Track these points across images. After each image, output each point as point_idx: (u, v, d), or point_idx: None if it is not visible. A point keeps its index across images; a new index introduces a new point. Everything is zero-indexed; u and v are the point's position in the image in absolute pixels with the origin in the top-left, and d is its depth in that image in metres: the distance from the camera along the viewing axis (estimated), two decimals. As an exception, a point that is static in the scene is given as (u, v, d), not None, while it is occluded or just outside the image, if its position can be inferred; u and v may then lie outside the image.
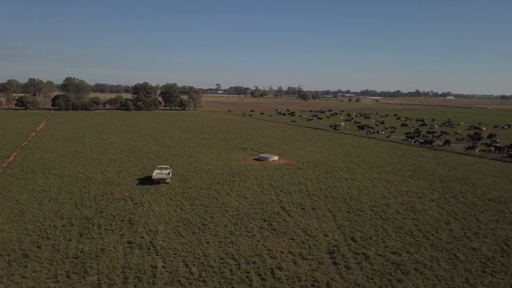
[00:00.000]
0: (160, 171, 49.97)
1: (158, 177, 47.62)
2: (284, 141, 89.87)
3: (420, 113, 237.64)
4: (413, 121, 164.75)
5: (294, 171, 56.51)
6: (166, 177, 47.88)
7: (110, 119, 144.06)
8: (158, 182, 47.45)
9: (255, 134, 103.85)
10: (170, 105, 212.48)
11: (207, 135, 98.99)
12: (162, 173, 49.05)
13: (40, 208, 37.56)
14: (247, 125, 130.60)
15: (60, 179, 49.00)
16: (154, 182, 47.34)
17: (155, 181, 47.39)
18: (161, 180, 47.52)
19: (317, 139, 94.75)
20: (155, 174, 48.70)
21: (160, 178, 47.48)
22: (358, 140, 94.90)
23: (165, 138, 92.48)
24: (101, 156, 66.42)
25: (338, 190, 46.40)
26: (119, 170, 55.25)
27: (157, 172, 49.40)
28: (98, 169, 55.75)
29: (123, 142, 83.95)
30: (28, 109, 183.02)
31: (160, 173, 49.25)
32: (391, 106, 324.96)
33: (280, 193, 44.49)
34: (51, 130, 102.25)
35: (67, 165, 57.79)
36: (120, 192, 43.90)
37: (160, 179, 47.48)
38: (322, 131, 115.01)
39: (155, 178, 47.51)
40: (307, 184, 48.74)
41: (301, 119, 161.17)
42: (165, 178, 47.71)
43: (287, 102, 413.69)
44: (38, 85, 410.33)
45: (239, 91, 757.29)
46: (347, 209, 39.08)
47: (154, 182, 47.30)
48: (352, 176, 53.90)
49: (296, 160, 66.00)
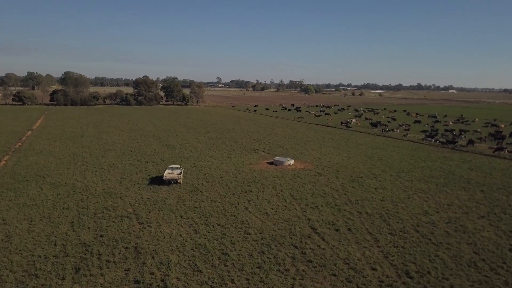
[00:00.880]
0: (171, 171, 48.46)
1: (170, 178, 46.30)
2: (296, 141, 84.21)
3: (428, 108, 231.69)
4: (424, 117, 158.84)
5: (315, 178, 50.92)
6: (177, 177, 46.55)
7: (110, 115, 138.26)
8: (170, 182, 46.25)
9: (263, 132, 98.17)
10: (172, 100, 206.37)
11: (213, 134, 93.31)
12: (173, 173, 47.62)
13: (30, 229, 32.02)
14: (254, 122, 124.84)
15: (55, 190, 43.41)
16: (165, 182, 46.18)
17: (166, 181, 46.17)
18: (173, 181, 46.30)
19: (331, 138, 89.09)
20: (167, 174, 47.16)
21: (172, 179, 46.23)
22: (373, 139, 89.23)
23: (169, 137, 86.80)
24: (101, 159, 60.82)
25: (371, 203, 40.85)
26: (121, 178, 49.67)
27: (168, 172, 47.91)
28: (98, 176, 50.18)
29: (124, 142, 78.30)
30: (26, 104, 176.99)
31: (171, 173, 47.81)
32: (396, 101, 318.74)
33: (305, 207, 38.94)
34: (48, 129, 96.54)
35: (63, 172, 52.18)
36: (123, 206, 38.36)
37: (171, 180, 46.22)
38: (333, 129, 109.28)
39: (166, 178, 46.22)
40: (333, 196, 43.17)
41: (308, 115, 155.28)
42: (176, 178, 46.42)
43: (290, 96, 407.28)
44: (36, 78, 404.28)
45: (240, 85, 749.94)
46: (388, 229, 33.53)
47: (165, 183, 46.17)
48: (381, 185, 48.32)
49: (314, 164, 60.41)
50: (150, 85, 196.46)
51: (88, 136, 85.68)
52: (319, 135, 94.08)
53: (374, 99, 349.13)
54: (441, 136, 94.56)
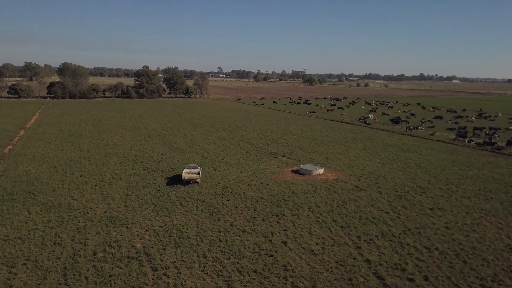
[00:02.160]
0: (189, 170, 47.18)
1: (188, 177, 45.20)
2: (316, 141, 76.24)
3: (439, 100, 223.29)
4: (441, 111, 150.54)
5: (355, 194, 43.08)
6: (196, 177, 45.48)
7: (111, 110, 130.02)
8: (188, 182, 45.16)
9: (277, 131, 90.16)
10: (175, 92, 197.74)
11: (223, 133, 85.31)
12: (191, 173, 46.48)
13: (9, 283, 24.26)
14: (264, 118, 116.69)
15: (47, 214, 35.61)
16: (183, 182, 45.00)
17: (184, 181, 45.02)
18: (191, 181, 45.24)
19: (353, 138, 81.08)
20: (185, 174, 46.08)
21: (190, 178, 45.18)
22: (400, 139, 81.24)
23: (176, 137, 78.83)
24: (101, 168, 52.95)
25: (435, 232, 33.06)
26: (126, 194, 41.85)
27: (187, 172, 46.76)
28: (99, 192, 42.36)
29: (127, 144, 70.35)
30: (22, 98, 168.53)
31: (189, 172, 46.69)
32: (404, 92, 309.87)
33: (358, 241, 31.14)
34: (44, 127, 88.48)
35: (57, 186, 44.32)
36: (130, 240, 30.58)
37: (190, 179, 45.14)
38: (351, 126, 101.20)
39: (185, 178, 45.11)
40: (386, 221, 35.36)
41: (319, 109, 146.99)
42: (195, 178, 45.33)
43: (294, 87, 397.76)
44: (34, 69, 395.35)
45: (241, 75, 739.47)
46: (476, 277, 25.77)
47: (184, 183, 44.96)
48: (436, 203, 40.51)
49: (346, 173, 52.56)
50: (151, 77, 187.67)
51: (87, 136, 77.71)
52: (339, 134, 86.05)
53: (380, 91, 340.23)
54: (473, 135, 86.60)
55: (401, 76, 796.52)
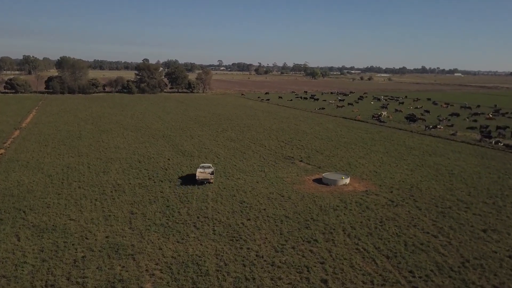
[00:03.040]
0: (203, 170, 46.29)
1: (202, 177, 44.81)
2: (332, 143, 70.87)
3: (449, 95, 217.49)
4: (454, 107, 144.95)
5: (391, 211, 37.82)
6: (209, 177, 45.09)
7: (111, 106, 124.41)
8: (202, 182, 44.78)
9: (288, 130, 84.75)
10: (177, 87, 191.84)
11: (231, 133, 79.91)
12: (205, 173, 45.74)
13: None
14: (272, 115, 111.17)
15: (39, 240, 30.38)
16: (197, 182, 44.67)
17: (198, 181, 44.65)
18: (205, 181, 44.85)
19: (371, 139, 75.68)
20: (199, 174, 45.46)
21: (204, 178, 44.81)
22: (421, 140, 75.86)
23: (182, 138, 73.44)
24: (102, 176, 47.66)
25: (499, 264, 27.87)
26: (131, 212, 36.62)
27: (200, 172, 45.94)
28: (99, 209, 37.11)
29: (130, 146, 65.01)
30: (19, 93, 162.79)
31: (203, 172, 45.89)
32: (410, 86, 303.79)
33: (412, 278, 25.94)
34: (40, 126, 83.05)
35: (53, 201, 39.05)
36: (139, 279, 25.39)
37: (204, 179, 44.76)
38: (365, 125, 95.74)
39: (199, 178, 44.74)
40: (437, 249, 30.11)
41: (328, 105, 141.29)
42: (208, 178, 44.97)
43: (296, 80, 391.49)
44: (33, 62, 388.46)
45: (242, 68, 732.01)
46: None
47: (198, 183, 44.63)
48: (486, 223, 35.28)
49: (375, 182, 47.28)
50: (153, 71, 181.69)
51: (86, 137, 72.31)
52: (355, 134, 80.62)
53: (385, 84, 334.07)
54: (498, 135, 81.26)
55: (403, 69, 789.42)
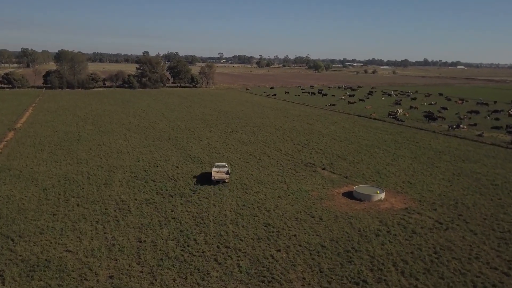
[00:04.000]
0: (218, 170, 45.33)
1: (218, 177, 43.81)
2: (353, 146, 65.18)
3: (459, 89, 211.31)
4: (469, 103, 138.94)
5: (443, 237, 32.27)
6: (225, 177, 44.05)
7: (112, 103, 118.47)
8: (218, 182, 43.73)
9: (302, 131, 79.02)
10: (180, 81, 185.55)
11: (242, 134, 74.20)
12: (220, 172, 44.94)
13: None
14: (281, 112, 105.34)
15: (27, 283, 24.86)
16: (213, 182, 43.63)
17: (214, 181, 43.63)
18: (221, 180, 43.78)
19: (393, 141, 69.97)
20: (214, 173, 44.45)
21: (220, 178, 43.78)
22: (448, 143, 70.15)
23: (190, 140, 67.74)
24: (104, 190, 42.09)
25: None
26: (138, 239, 31.10)
27: (216, 171, 45.00)
28: (101, 235, 31.59)
29: (134, 151, 59.38)
30: (16, 88, 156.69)
31: (218, 171, 44.99)
32: (417, 80, 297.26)
33: None
34: (36, 127, 77.30)
35: (47, 224, 33.50)
36: None
37: (219, 179, 43.73)
38: (383, 124, 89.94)
39: (214, 178, 43.73)
40: (516, 294, 24.57)
41: (337, 101, 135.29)
42: (224, 178, 43.92)
43: (300, 73, 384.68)
44: (31, 55, 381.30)
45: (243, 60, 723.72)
46: None
47: (213, 183, 43.62)
48: (561, 254, 29.69)
49: (412, 196, 41.74)
50: (155, 65, 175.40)
51: (86, 139, 66.64)
52: (375, 136, 74.86)
53: (391, 78, 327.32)
54: (529, 136, 75.54)
55: (405, 61, 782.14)
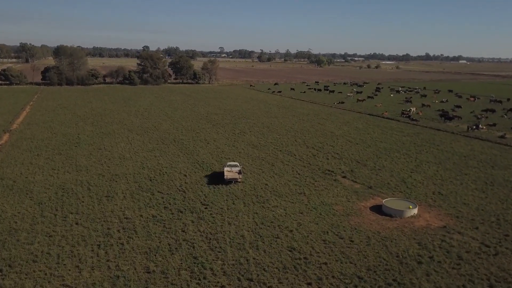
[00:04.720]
0: (230, 169, 45.04)
1: (231, 177, 43.35)
2: (370, 149, 60.98)
3: (467, 85, 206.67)
4: (481, 99, 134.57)
5: (494, 264, 28.21)
6: (237, 176, 43.65)
7: (113, 101, 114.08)
8: (230, 181, 43.21)
9: (314, 132, 74.78)
10: (182, 77, 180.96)
11: (251, 136, 69.96)
12: (232, 171, 44.63)
13: None
14: (289, 111, 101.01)
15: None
16: (225, 182, 43.08)
17: (226, 181, 43.07)
18: (233, 180, 43.30)
19: (412, 143, 65.75)
20: (227, 173, 43.99)
21: (232, 178, 43.29)
22: (470, 145, 65.95)
23: (196, 143, 63.54)
24: (106, 205, 37.96)
25: None
26: (147, 269, 27.04)
27: (228, 170, 44.68)
28: (104, 265, 27.52)
29: (137, 156, 55.20)
30: (14, 84, 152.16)
31: (230, 171, 44.67)
32: (422, 75, 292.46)
33: None
34: (33, 128, 73.06)
35: (41, 249, 29.39)
36: None
37: (232, 179, 43.22)
38: (397, 124, 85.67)
39: (227, 178, 43.24)
40: None
41: (346, 98, 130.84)
42: (237, 178, 43.49)
43: (302, 68, 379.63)
44: (30, 50, 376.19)
45: (244, 55, 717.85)
46: None
47: (225, 182, 43.06)
48: None
49: (447, 210, 37.63)
50: (156, 61, 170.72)
51: (86, 142, 62.44)
52: (392, 137, 70.61)
53: (395, 73, 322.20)
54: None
55: (407, 56, 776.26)
